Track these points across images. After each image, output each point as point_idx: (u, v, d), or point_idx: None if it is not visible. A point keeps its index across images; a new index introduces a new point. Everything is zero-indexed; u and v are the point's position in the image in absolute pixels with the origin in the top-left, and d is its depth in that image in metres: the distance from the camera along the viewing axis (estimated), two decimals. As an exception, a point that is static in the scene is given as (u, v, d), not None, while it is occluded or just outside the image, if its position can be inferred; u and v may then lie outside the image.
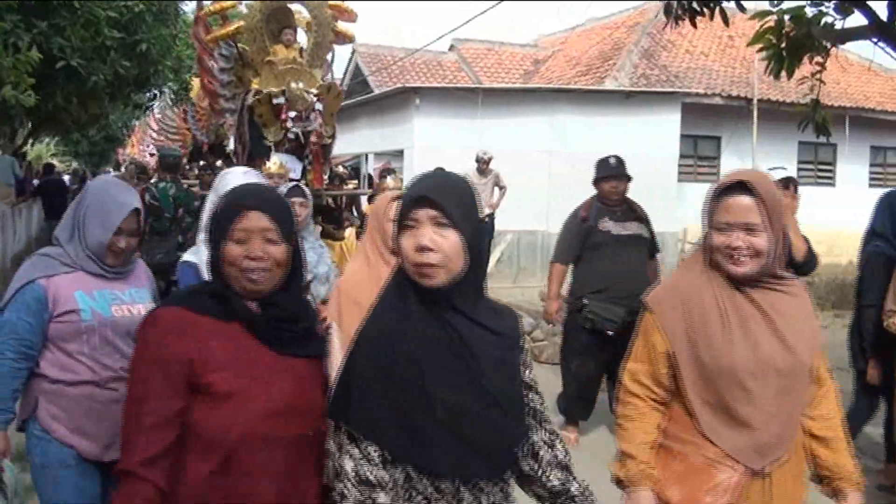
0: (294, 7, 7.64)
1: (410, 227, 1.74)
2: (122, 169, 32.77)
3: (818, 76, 7.12)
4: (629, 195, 5.69)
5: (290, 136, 7.18)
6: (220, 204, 2.02)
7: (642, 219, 5.65)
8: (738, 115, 16.08)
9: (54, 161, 29.21)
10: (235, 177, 3.32)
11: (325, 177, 8.18)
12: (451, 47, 20.79)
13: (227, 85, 7.71)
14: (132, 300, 2.95)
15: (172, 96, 14.90)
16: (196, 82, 12.37)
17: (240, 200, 1.98)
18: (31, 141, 19.87)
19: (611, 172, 5.56)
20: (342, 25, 7.81)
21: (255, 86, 7.33)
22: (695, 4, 6.84)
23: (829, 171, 17.78)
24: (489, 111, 13.89)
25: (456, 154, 12.10)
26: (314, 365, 2.03)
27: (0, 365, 2.73)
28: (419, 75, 19.40)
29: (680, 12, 6.93)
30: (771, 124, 15.89)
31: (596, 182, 5.65)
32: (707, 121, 16.02)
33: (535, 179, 13.40)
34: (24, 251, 14.34)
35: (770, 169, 6.88)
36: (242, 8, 7.80)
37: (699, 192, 5.43)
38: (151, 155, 25.61)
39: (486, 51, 20.98)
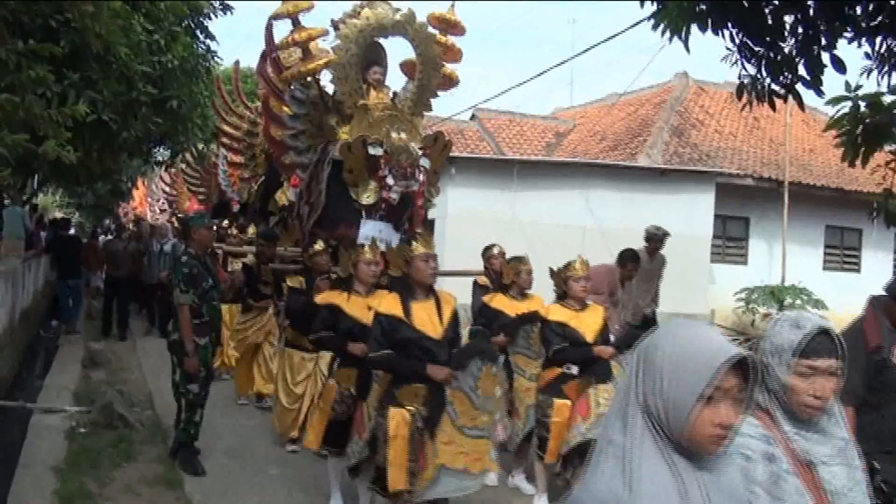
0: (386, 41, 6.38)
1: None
2: (123, 222, 32.46)
3: (893, 165, 6.87)
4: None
5: (392, 198, 5.87)
6: None
7: None
8: (767, 196, 15.85)
9: (58, 213, 28.89)
10: None
11: None
12: (473, 117, 20.67)
13: (299, 135, 6.38)
14: None
15: (196, 153, 14.53)
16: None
17: None
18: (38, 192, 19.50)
19: None
20: (448, 67, 6.66)
21: (343, 135, 6.11)
22: (774, 86, 6.63)
23: (855, 256, 17.52)
24: (522, 183, 13.63)
25: (489, 226, 11.76)
26: None
27: None
28: (440, 143, 19.18)
29: (755, 95, 6.70)
30: (798, 208, 15.68)
31: None
32: (735, 201, 15.77)
33: (569, 255, 13.02)
34: (31, 308, 13.70)
35: None
36: (331, 40, 6.41)
37: (728, 273, 5.01)
38: (162, 210, 25.22)
39: (508, 121, 20.86)
